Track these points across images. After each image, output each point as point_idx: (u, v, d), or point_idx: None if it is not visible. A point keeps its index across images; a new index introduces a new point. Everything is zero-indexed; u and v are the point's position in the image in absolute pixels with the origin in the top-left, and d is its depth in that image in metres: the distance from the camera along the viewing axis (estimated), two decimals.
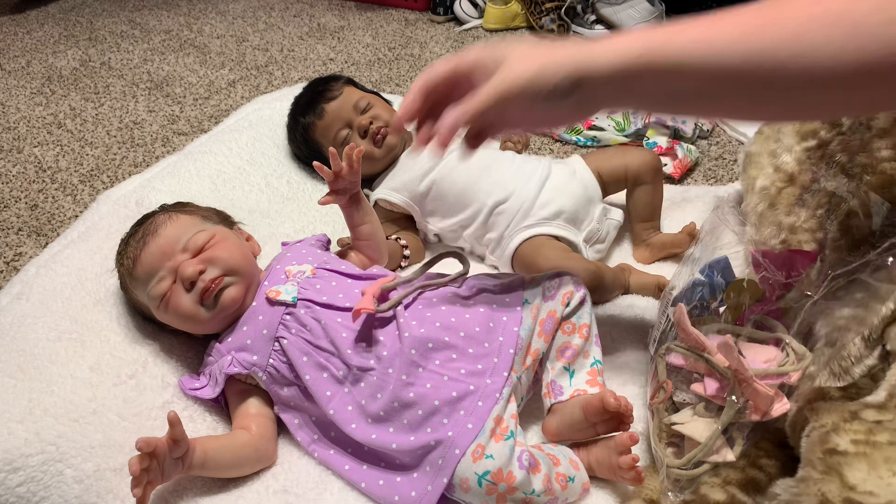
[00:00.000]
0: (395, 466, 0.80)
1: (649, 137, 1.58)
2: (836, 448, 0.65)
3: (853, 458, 0.63)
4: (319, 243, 1.01)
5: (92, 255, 0.99)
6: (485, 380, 0.81)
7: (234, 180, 1.24)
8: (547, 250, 1.11)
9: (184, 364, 0.93)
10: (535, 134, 1.66)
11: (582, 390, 0.85)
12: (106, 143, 1.61)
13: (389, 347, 0.83)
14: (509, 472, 0.73)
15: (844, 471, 0.62)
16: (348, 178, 0.95)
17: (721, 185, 1.48)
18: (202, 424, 0.87)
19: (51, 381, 0.82)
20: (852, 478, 0.62)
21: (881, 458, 0.62)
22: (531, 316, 0.88)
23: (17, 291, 0.93)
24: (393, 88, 1.93)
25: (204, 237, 0.88)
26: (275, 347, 0.85)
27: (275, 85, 1.94)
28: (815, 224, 1.04)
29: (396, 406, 0.80)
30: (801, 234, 1.06)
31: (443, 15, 2.43)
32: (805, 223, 1.05)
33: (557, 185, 1.17)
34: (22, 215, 1.35)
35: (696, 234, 1.17)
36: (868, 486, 0.61)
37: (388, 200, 1.21)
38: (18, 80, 1.89)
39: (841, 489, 0.61)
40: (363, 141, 1.22)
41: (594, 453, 0.82)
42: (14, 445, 0.74)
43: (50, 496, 0.74)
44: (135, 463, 0.69)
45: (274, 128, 1.37)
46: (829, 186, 1.00)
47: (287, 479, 0.83)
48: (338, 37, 2.29)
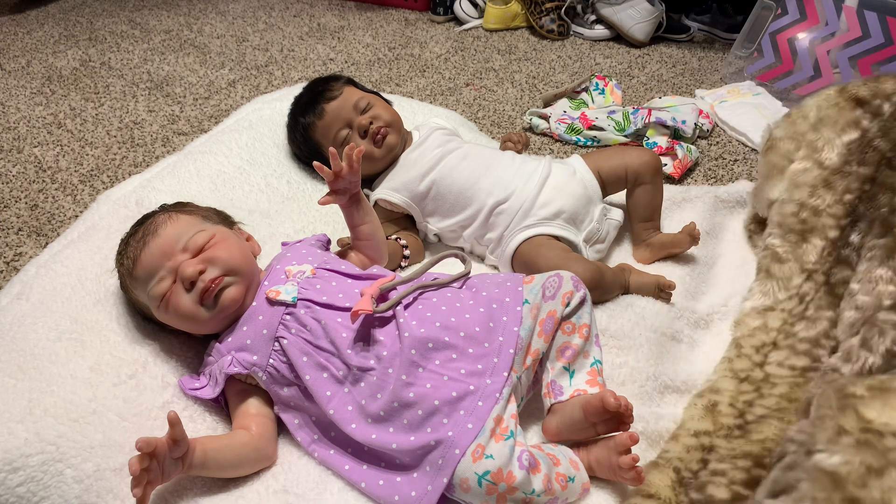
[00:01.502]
0: (395, 466, 0.80)
1: (649, 137, 1.58)
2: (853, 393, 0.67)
3: (868, 399, 0.65)
4: (319, 243, 1.01)
5: (92, 255, 0.99)
6: (485, 380, 0.81)
7: (234, 180, 1.24)
8: (547, 250, 1.11)
9: (184, 364, 0.93)
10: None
11: (582, 390, 0.85)
12: (106, 143, 1.61)
13: (389, 347, 0.83)
14: (509, 472, 0.73)
15: (860, 408, 0.65)
16: (348, 178, 0.95)
17: (721, 185, 1.48)
18: (202, 424, 0.87)
19: (51, 381, 0.82)
20: (868, 413, 0.64)
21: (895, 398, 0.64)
22: (531, 316, 0.87)
23: (17, 291, 0.93)
24: (393, 88, 1.93)
25: (204, 237, 0.88)
26: (275, 347, 0.85)
27: (275, 85, 1.94)
28: (842, 210, 1.02)
29: (396, 406, 0.80)
30: (824, 217, 1.03)
31: (443, 15, 2.43)
32: (830, 208, 1.03)
33: (557, 185, 1.17)
34: (22, 215, 1.35)
35: (697, 234, 1.17)
36: (884, 419, 0.63)
37: (388, 200, 1.21)
38: (18, 80, 1.89)
39: (857, 421, 0.63)
40: (363, 141, 1.21)
41: (594, 453, 0.82)
42: (14, 445, 0.74)
43: (50, 496, 0.74)
44: (135, 463, 0.69)
45: (274, 128, 1.37)
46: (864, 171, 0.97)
47: (287, 479, 0.83)
48: (338, 37, 2.29)
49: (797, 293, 1.02)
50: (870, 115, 1.09)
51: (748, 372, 0.96)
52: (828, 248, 1.02)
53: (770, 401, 0.91)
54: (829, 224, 1.02)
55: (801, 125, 1.15)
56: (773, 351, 0.98)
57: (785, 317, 1.01)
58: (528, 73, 2.05)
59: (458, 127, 1.43)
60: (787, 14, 1.81)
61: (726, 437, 0.86)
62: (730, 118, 1.70)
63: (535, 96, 1.90)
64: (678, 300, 1.10)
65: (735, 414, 0.90)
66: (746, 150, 1.63)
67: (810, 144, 1.12)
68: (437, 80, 1.99)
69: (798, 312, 1.00)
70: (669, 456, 0.85)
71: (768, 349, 0.99)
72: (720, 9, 2.31)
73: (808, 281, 1.02)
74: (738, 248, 1.26)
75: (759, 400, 0.92)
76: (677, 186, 1.41)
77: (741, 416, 0.90)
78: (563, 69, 2.07)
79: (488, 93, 1.92)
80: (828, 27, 1.75)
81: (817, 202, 1.05)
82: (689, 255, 1.20)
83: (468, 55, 2.16)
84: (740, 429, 0.87)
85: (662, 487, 0.80)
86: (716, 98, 1.80)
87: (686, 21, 2.35)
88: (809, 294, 1.01)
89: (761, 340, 1.00)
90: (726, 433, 0.87)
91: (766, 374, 0.96)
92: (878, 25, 1.66)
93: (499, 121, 1.76)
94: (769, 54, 1.84)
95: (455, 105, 1.83)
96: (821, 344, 0.96)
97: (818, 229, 1.04)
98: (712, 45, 2.29)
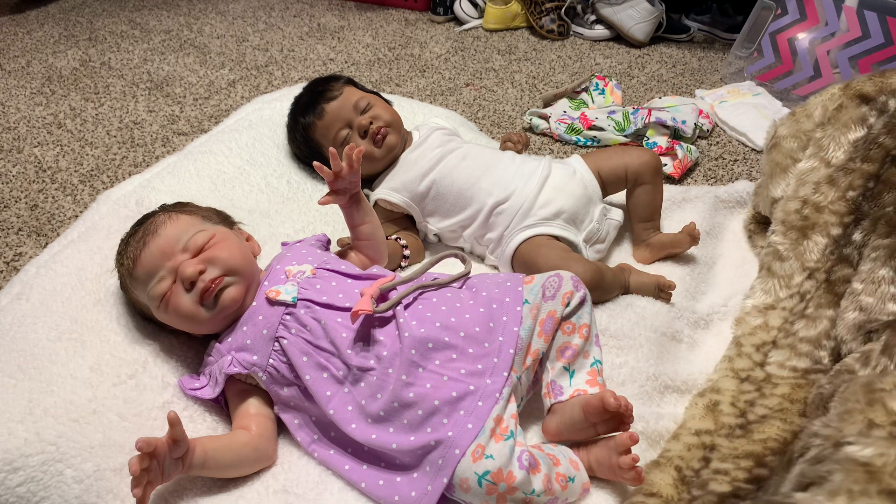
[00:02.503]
0: (395, 466, 0.80)
1: (649, 137, 1.58)
2: (881, 388, 0.66)
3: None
4: (319, 243, 1.01)
5: (92, 255, 0.99)
6: (485, 380, 0.81)
7: (234, 180, 1.24)
8: (547, 250, 1.11)
9: (184, 364, 0.93)
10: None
11: (582, 390, 0.85)
12: (106, 143, 1.61)
13: (389, 347, 0.83)
14: (509, 472, 0.73)
15: (888, 402, 0.64)
16: (348, 178, 0.95)
17: (721, 185, 1.48)
18: (202, 424, 0.87)
19: (51, 381, 0.82)
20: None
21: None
22: (531, 316, 0.87)
23: (17, 291, 0.93)
24: (393, 88, 1.93)
25: (204, 237, 0.88)
26: (275, 347, 0.85)
27: (275, 85, 1.93)
28: (844, 208, 1.01)
29: (396, 406, 0.80)
30: (827, 214, 1.02)
31: (443, 15, 2.43)
32: (832, 205, 1.01)
33: (557, 185, 1.17)
34: (22, 215, 1.35)
35: (697, 234, 1.17)
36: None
37: (388, 200, 1.21)
38: (18, 80, 1.89)
39: (887, 415, 0.63)
40: (363, 141, 1.21)
41: (594, 453, 0.82)
42: (14, 445, 0.74)
43: (50, 496, 0.74)
44: (135, 463, 0.69)
45: (274, 128, 1.37)
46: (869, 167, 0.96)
47: (287, 479, 0.83)
48: (338, 37, 2.29)
49: (798, 291, 1.02)
50: (876, 112, 1.07)
51: (749, 371, 0.96)
52: (830, 245, 1.01)
53: (772, 401, 0.91)
54: (831, 221, 1.01)
55: (805, 123, 1.15)
56: (774, 350, 0.98)
57: (786, 315, 1.01)
58: (528, 73, 2.05)
59: (458, 127, 1.43)
60: (787, 14, 1.81)
61: (728, 436, 0.86)
62: (730, 118, 1.70)
63: (535, 96, 1.90)
64: (678, 300, 1.10)
65: (736, 413, 0.90)
66: (746, 150, 1.63)
67: (817, 143, 1.11)
68: (437, 80, 1.99)
69: (798, 311, 1.00)
70: (671, 455, 0.85)
71: (769, 348, 0.99)
72: (720, 9, 2.32)
73: (809, 279, 1.02)
74: (738, 248, 1.26)
75: (760, 399, 0.92)
76: (677, 186, 1.41)
77: (742, 415, 0.90)
78: (563, 69, 2.07)
79: (488, 93, 1.92)
80: (828, 27, 1.75)
81: (819, 198, 1.04)
82: (689, 255, 1.20)
83: (468, 55, 2.16)
84: (742, 428, 0.87)
85: (664, 486, 0.80)
86: (716, 98, 1.80)
87: (686, 21, 2.35)
88: (810, 292, 1.00)
89: (762, 339, 1.00)
90: (728, 432, 0.87)
91: (767, 374, 0.96)
92: (878, 25, 1.66)
93: (499, 121, 1.76)
94: (769, 54, 1.84)
95: (455, 105, 1.83)
96: (822, 345, 0.96)
97: (820, 226, 1.03)
98: (712, 45, 2.29)
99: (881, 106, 1.08)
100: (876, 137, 1.02)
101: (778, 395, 0.92)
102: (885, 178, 1.00)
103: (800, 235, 1.05)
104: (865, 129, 1.07)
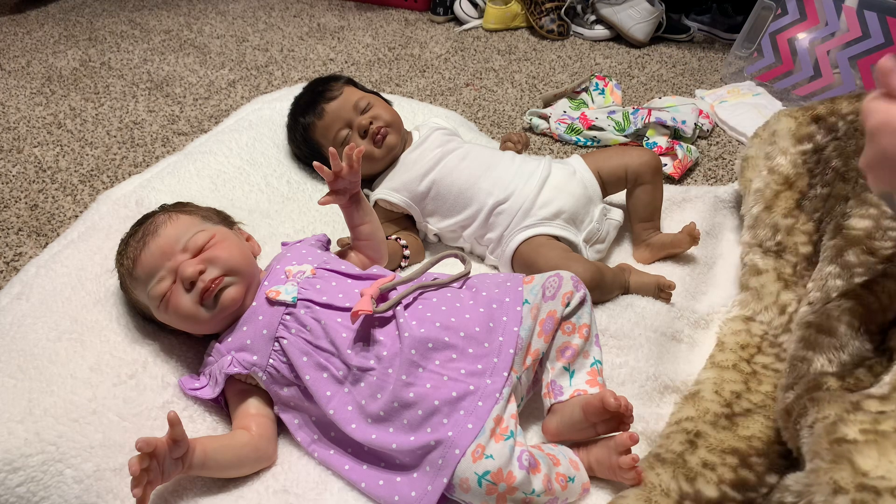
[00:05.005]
0: (395, 466, 0.80)
1: (649, 137, 1.58)
2: (844, 437, 0.66)
3: (863, 445, 0.64)
4: (319, 243, 1.01)
5: (92, 255, 0.99)
6: (485, 380, 0.81)
7: (234, 180, 1.24)
8: (547, 250, 1.11)
9: (184, 364, 0.93)
10: None
11: (582, 390, 0.85)
12: (106, 143, 1.61)
13: (389, 347, 0.83)
14: (509, 472, 0.73)
15: (855, 458, 0.63)
16: (348, 178, 0.95)
17: (721, 185, 1.48)
18: (202, 424, 0.87)
19: (51, 381, 0.82)
20: (864, 464, 0.63)
21: (890, 445, 0.63)
22: (531, 316, 0.87)
23: (17, 291, 0.93)
24: (393, 88, 1.93)
25: (204, 237, 0.88)
26: (275, 347, 0.85)
27: (275, 85, 1.94)
28: (812, 227, 1.06)
29: (396, 406, 0.80)
30: (797, 235, 1.06)
31: (443, 15, 2.43)
32: (802, 226, 1.06)
33: (557, 185, 1.17)
34: (22, 215, 1.35)
35: (697, 234, 1.17)
36: (880, 472, 0.61)
37: (388, 200, 1.21)
38: (18, 80, 1.89)
39: (853, 475, 0.62)
40: (363, 141, 1.21)
41: (594, 453, 0.82)
42: (14, 445, 0.74)
43: (50, 496, 0.74)
44: (135, 463, 0.69)
45: (274, 128, 1.37)
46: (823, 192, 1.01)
47: (287, 479, 0.83)
48: (338, 37, 2.29)
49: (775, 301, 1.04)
50: (824, 131, 1.13)
51: (733, 362, 0.98)
52: (801, 263, 1.06)
53: (756, 397, 0.92)
54: (800, 241, 1.07)
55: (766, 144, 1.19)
56: (758, 355, 1.00)
57: (765, 329, 1.03)
58: (528, 73, 2.05)
59: (458, 127, 1.43)
60: (787, 14, 1.81)
61: (713, 424, 0.86)
62: (730, 118, 1.70)
63: (535, 96, 1.90)
64: (678, 300, 1.10)
65: (721, 402, 0.90)
66: None
67: (767, 155, 1.18)
68: (437, 80, 1.99)
69: (781, 324, 1.01)
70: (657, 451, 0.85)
71: (753, 351, 1.00)
72: (720, 9, 2.32)
73: (786, 291, 1.05)
74: (737, 248, 1.26)
75: (746, 393, 0.92)
76: (677, 186, 1.41)
77: (728, 405, 0.90)
78: (563, 69, 2.07)
79: (488, 93, 1.92)
80: (828, 27, 1.75)
81: (790, 221, 1.10)
82: (689, 255, 1.20)
83: (468, 55, 2.16)
84: (728, 419, 0.88)
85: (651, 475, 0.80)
86: (716, 98, 1.80)
87: (686, 21, 2.35)
88: (791, 305, 1.02)
89: (745, 340, 1.01)
90: (713, 420, 0.87)
91: (752, 369, 0.97)
92: (878, 25, 1.66)
93: (499, 121, 1.76)
94: (769, 54, 1.84)
95: (455, 105, 1.83)
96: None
97: (790, 247, 1.08)
98: (712, 45, 2.29)
99: (830, 126, 1.14)
100: (829, 161, 1.10)
101: (762, 393, 0.93)
102: (835, 192, 1.06)
103: (775, 256, 1.09)
104: (812, 144, 1.13)
